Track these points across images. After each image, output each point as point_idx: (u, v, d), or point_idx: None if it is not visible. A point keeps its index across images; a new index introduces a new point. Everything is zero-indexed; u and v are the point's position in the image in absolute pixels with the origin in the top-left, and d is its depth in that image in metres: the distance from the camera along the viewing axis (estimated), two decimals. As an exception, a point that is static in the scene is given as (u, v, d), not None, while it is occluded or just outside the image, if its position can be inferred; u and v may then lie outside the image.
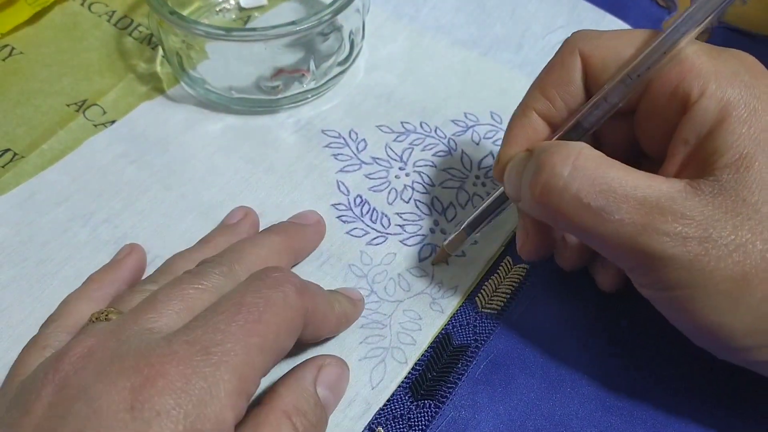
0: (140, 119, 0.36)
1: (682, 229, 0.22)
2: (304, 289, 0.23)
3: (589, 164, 0.23)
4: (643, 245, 0.22)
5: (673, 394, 0.27)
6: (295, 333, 0.23)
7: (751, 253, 0.21)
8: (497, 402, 0.27)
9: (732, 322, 0.22)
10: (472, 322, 0.29)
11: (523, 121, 0.27)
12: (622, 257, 0.24)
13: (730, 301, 0.22)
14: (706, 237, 0.22)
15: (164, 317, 0.22)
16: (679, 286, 0.22)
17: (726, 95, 0.22)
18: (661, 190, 0.22)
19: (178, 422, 0.19)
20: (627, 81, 0.24)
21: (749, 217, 0.22)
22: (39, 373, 0.21)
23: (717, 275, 0.22)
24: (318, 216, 0.31)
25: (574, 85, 0.26)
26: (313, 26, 0.33)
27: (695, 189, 0.22)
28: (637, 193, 0.22)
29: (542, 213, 0.24)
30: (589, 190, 0.22)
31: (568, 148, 0.23)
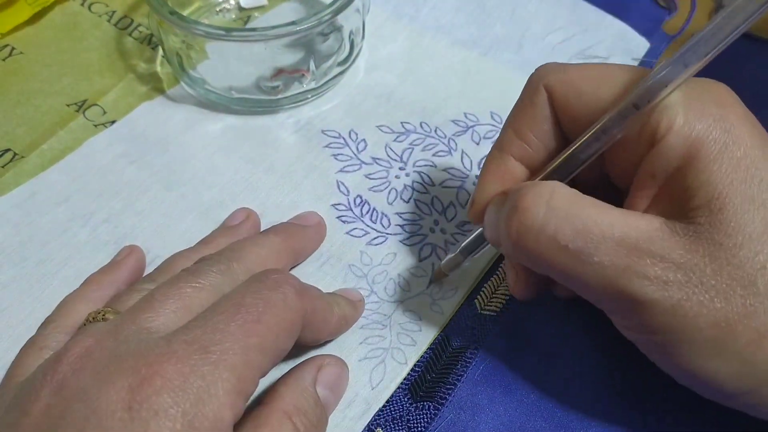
0: (140, 119, 0.36)
1: (663, 272, 0.21)
2: (303, 292, 0.23)
3: (563, 203, 0.22)
4: (624, 288, 0.21)
5: (674, 394, 0.27)
6: (293, 334, 0.23)
7: (732, 298, 0.21)
8: (497, 403, 0.27)
9: (717, 368, 0.21)
10: (471, 323, 0.29)
11: (499, 164, 0.26)
12: (603, 300, 0.23)
13: (715, 347, 0.21)
14: (686, 281, 0.21)
15: (162, 316, 0.22)
16: (662, 331, 0.22)
17: (694, 131, 0.21)
18: (639, 229, 0.21)
19: (176, 421, 0.19)
20: (625, 112, 0.23)
21: (728, 262, 0.21)
22: (37, 375, 0.21)
23: (700, 321, 0.21)
24: (319, 217, 0.31)
25: (546, 121, 0.25)
26: (313, 26, 0.33)
27: (672, 230, 0.21)
28: (615, 233, 0.21)
29: (521, 257, 0.24)
30: (566, 232, 0.22)
31: (541, 188, 0.23)
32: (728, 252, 0.21)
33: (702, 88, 0.23)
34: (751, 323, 0.21)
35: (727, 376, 0.22)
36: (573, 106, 0.24)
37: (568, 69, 0.25)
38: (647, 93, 0.22)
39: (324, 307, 0.25)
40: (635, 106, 0.22)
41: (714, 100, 0.22)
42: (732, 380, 0.22)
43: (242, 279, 0.24)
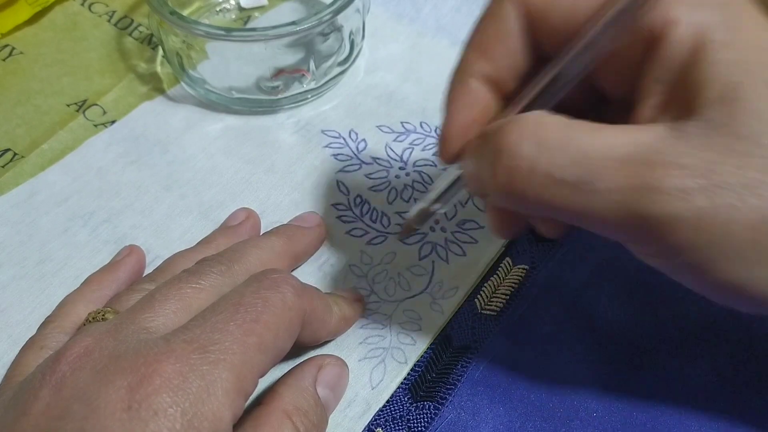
0: (140, 119, 0.36)
1: (679, 181, 0.18)
2: (302, 292, 0.23)
3: (552, 134, 0.20)
4: (639, 211, 0.19)
5: (675, 395, 0.27)
6: (293, 334, 0.23)
7: (763, 193, 0.18)
8: (497, 403, 0.27)
9: (760, 275, 0.19)
10: (471, 323, 0.29)
11: (464, 91, 0.23)
12: (617, 231, 0.20)
13: (755, 252, 0.19)
14: (709, 186, 0.18)
15: (161, 316, 0.22)
16: (692, 249, 0.19)
17: (698, 19, 0.19)
18: (643, 143, 0.19)
19: (175, 420, 0.19)
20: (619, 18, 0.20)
21: (752, 153, 0.18)
22: (37, 374, 0.21)
23: (733, 227, 0.18)
24: (319, 218, 0.31)
25: (514, 37, 0.22)
26: (313, 26, 0.33)
27: (681, 133, 0.19)
28: (616, 152, 0.19)
29: (515, 203, 0.21)
30: (561, 163, 0.19)
31: (524, 121, 0.20)
32: (751, 142, 0.18)
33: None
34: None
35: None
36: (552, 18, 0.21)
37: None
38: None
39: (323, 307, 0.25)
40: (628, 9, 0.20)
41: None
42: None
43: (242, 280, 0.24)
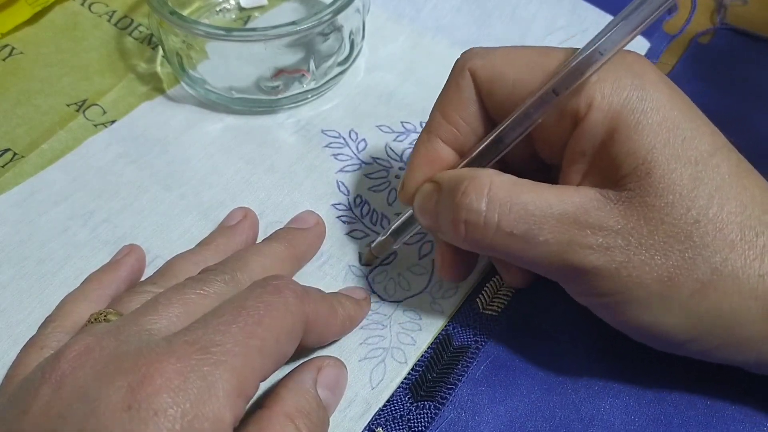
0: (140, 119, 0.36)
1: (603, 240, 0.22)
2: (304, 296, 0.23)
3: (502, 193, 0.23)
4: (570, 260, 0.23)
5: (675, 394, 0.27)
6: (295, 339, 0.23)
7: (670, 254, 0.22)
8: (497, 403, 0.27)
9: (665, 321, 0.23)
10: (472, 323, 0.29)
11: (428, 148, 0.27)
12: (553, 273, 0.24)
13: (661, 301, 0.22)
14: (626, 245, 0.22)
15: (164, 320, 0.22)
16: (610, 293, 0.23)
17: (613, 104, 0.22)
18: (575, 204, 0.23)
19: (175, 421, 0.18)
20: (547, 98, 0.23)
21: (662, 221, 0.22)
22: (37, 373, 0.21)
23: (645, 279, 0.22)
24: (317, 216, 0.31)
25: (471, 104, 0.26)
26: (313, 26, 0.33)
27: (606, 199, 0.22)
28: (554, 211, 0.23)
29: (469, 247, 0.25)
30: (509, 219, 0.23)
31: (479, 182, 0.24)
32: (661, 212, 0.22)
33: (618, 62, 0.23)
34: (692, 275, 0.22)
35: (674, 327, 0.23)
36: (496, 90, 0.25)
37: (491, 53, 0.25)
38: (565, 80, 0.23)
39: (327, 310, 0.25)
40: (554, 92, 0.23)
41: (629, 71, 0.23)
42: (679, 330, 0.23)
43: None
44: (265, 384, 0.26)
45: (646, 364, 0.28)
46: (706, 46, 0.40)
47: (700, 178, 0.22)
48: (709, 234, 0.22)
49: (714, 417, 0.26)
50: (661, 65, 0.39)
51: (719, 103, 0.37)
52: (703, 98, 0.37)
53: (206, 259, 0.28)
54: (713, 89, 0.38)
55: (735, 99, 0.38)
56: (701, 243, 0.22)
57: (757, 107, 0.37)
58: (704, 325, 0.23)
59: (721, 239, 0.22)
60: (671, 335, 0.23)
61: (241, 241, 0.30)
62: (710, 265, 0.22)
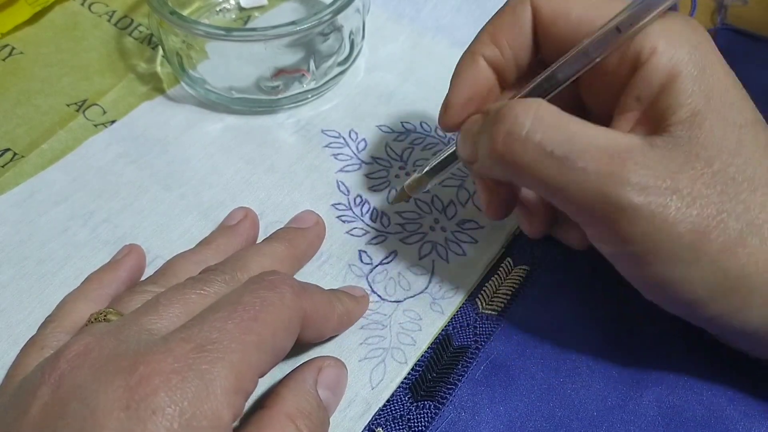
0: (140, 119, 0.36)
1: (643, 179, 0.22)
2: (301, 291, 0.23)
3: (549, 115, 0.23)
4: (608, 194, 0.22)
5: (675, 394, 0.27)
6: (292, 334, 0.23)
7: (706, 207, 0.22)
8: (497, 403, 0.27)
9: (692, 274, 0.23)
10: (472, 323, 0.29)
11: (472, 67, 0.26)
12: (584, 210, 0.23)
13: (692, 252, 0.22)
14: (665, 188, 0.22)
15: (165, 320, 0.22)
16: (640, 240, 0.22)
17: (676, 54, 0.23)
18: (620, 142, 0.23)
19: (173, 420, 0.18)
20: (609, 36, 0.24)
21: (703, 171, 0.22)
22: (36, 373, 0.21)
23: (680, 226, 0.22)
24: (316, 216, 0.31)
25: (523, 34, 0.26)
26: (313, 26, 0.33)
27: (652, 143, 0.23)
28: (597, 142, 0.23)
29: (502, 168, 0.24)
30: (552, 139, 0.23)
31: (528, 102, 0.24)
32: (704, 163, 0.22)
33: (679, 20, 0.24)
34: (725, 229, 0.22)
35: (700, 283, 0.23)
36: (559, 26, 0.25)
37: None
38: (630, 18, 0.23)
39: (324, 305, 0.25)
40: (618, 29, 0.23)
41: (692, 30, 0.24)
42: (704, 287, 0.23)
43: None
44: (266, 384, 0.26)
45: (646, 364, 0.28)
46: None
47: (742, 141, 0.23)
48: (743, 192, 0.22)
49: (712, 418, 0.26)
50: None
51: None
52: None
53: (207, 258, 0.28)
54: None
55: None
56: (736, 199, 0.22)
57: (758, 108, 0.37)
58: (728, 283, 0.23)
59: (753, 199, 0.23)
60: (694, 292, 0.23)
61: (242, 241, 0.30)
62: (742, 222, 0.22)
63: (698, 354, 0.28)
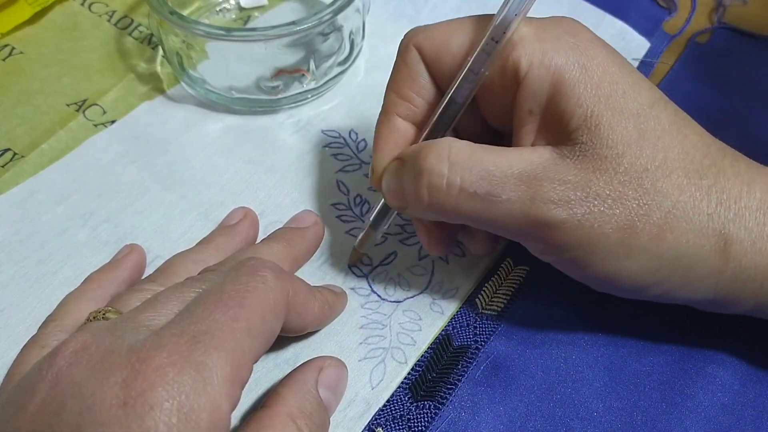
0: (140, 119, 0.36)
1: (563, 194, 0.23)
2: (281, 273, 0.23)
3: (462, 155, 0.24)
4: (534, 216, 0.23)
5: (674, 394, 0.27)
6: (279, 314, 0.23)
7: (626, 202, 0.23)
8: (497, 403, 0.27)
9: (629, 267, 0.24)
10: (472, 323, 0.29)
11: (389, 127, 0.27)
12: (518, 233, 0.25)
13: (623, 249, 0.23)
14: (585, 197, 0.23)
15: (162, 316, 0.22)
16: (576, 247, 0.24)
17: (554, 60, 0.23)
18: (533, 162, 0.24)
19: (171, 414, 0.18)
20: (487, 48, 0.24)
21: (615, 171, 0.23)
22: (34, 370, 0.21)
23: (606, 228, 0.23)
24: (315, 216, 0.31)
25: (422, 78, 0.27)
26: (313, 26, 0.33)
27: (560, 155, 0.23)
28: (514, 170, 0.23)
29: (434, 214, 0.25)
30: (471, 180, 0.24)
31: (438, 146, 0.24)
32: (612, 162, 0.23)
33: (552, 23, 0.25)
34: (648, 220, 0.23)
35: (638, 272, 0.24)
36: (443, 59, 0.26)
37: (433, 26, 0.27)
38: (501, 26, 0.24)
39: (305, 290, 0.25)
40: (494, 40, 0.24)
41: (566, 31, 0.24)
42: (642, 275, 0.24)
43: None
44: (267, 384, 0.26)
45: (646, 364, 0.28)
46: (705, 46, 0.40)
47: (644, 129, 0.23)
48: (659, 180, 0.23)
49: (716, 413, 0.26)
50: (661, 65, 0.39)
51: (718, 103, 0.37)
52: (701, 98, 0.37)
53: (206, 258, 0.28)
54: (712, 89, 0.38)
55: (734, 99, 0.38)
56: (653, 189, 0.23)
57: (755, 107, 0.37)
58: (665, 267, 0.24)
59: (669, 184, 0.23)
60: (635, 281, 0.24)
61: (241, 241, 0.30)
62: (663, 209, 0.23)
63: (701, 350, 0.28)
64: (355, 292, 0.30)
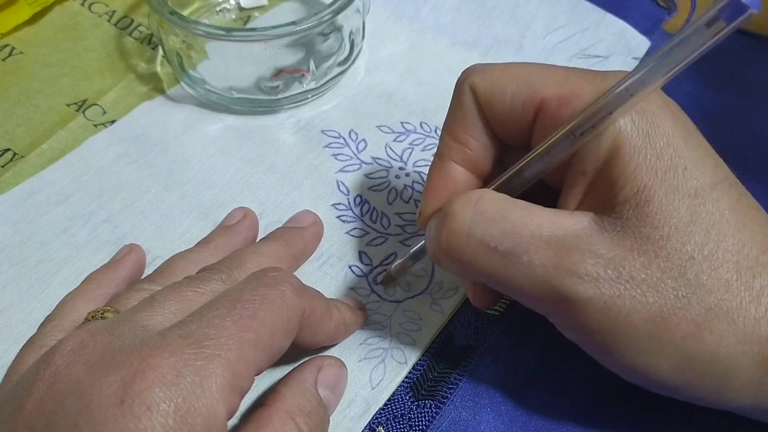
0: (140, 119, 0.36)
1: (593, 269, 0.21)
2: (302, 291, 0.23)
3: (490, 207, 0.22)
4: (556, 287, 0.21)
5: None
6: (290, 332, 0.23)
7: (664, 291, 0.21)
8: (498, 403, 0.27)
9: (658, 363, 0.21)
10: (473, 322, 0.29)
11: (441, 172, 0.26)
12: (537, 302, 0.23)
13: (653, 343, 0.21)
14: (617, 277, 0.21)
15: (160, 316, 0.22)
16: (600, 331, 0.21)
17: (618, 125, 0.21)
18: (566, 228, 0.22)
19: (167, 416, 0.18)
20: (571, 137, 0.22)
21: (656, 254, 0.21)
22: (32, 369, 0.21)
23: (635, 317, 0.21)
24: (314, 216, 0.31)
25: (477, 121, 0.25)
26: (313, 26, 0.33)
27: (600, 226, 0.21)
28: (543, 232, 0.21)
29: (451, 263, 0.23)
30: (494, 234, 0.22)
31: (470, 194, 0.23)
32: (656, 244, 0.21)
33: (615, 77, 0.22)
34: (686, 315, 0.21)
35: (667, 371, 0.21)
36: (496, 105, 0.24)
37: (490, 67, 0.25)
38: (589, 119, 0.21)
39: (323, 309, 0.25)
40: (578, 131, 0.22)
41: None
42: (672, 374, 0.22)
43: None
44: (266, 382, 0.26)
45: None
46: (706, 46, 0.40)
47: (698, 213, 0.21)
48: (704, 272, 0.21)
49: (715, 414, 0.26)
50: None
51: (719, 103, 0.37)
52: (702, 98, 0.37)
53: (205, 258, 0.28)
54: (713, 89, 0.38)
55: (734, 98, 0.38)
56: (696, 281, 0.21)
57: (756, 107, 0.37)
58: (698, 370, 0.21)
59: (716, 278, 0.21)
60: (664, 379, 0.22)
61: (241, 241, 0.30)
62: (705, 306, 0.21)
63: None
64: (355, 292, 0.30)
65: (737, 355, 0.21)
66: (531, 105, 0.23)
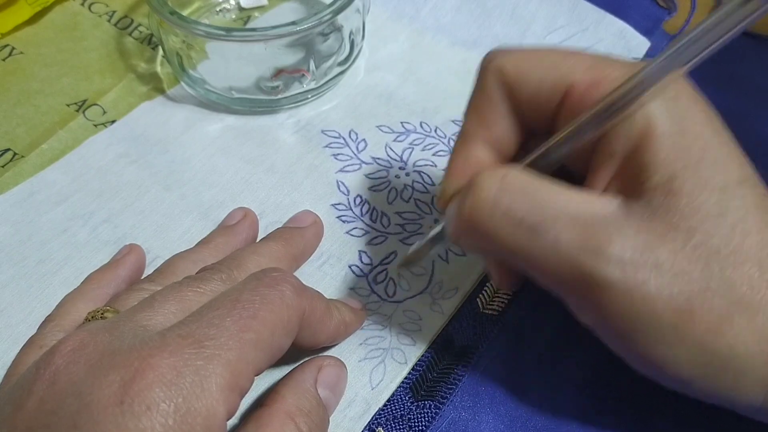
0: (140, 119, 0.36)
1: (620, 252, 0.20)
2: (302, 291, 0.23)
3: (517, 181, 0.22)
4: (582, 267, 0.21)
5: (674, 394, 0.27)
6: (290, 333, 0.23)
7: (689, 282, 0.20)
8: (498, 403, 0.27)
9: (677, 355, 0.21)
10: (472, 323, 0.29)
11: (465, 153, 0.25)
12: (559, 282, 0.22)
13: (675, 333, 0.21)
14: (644, 262, 0.20)
15: (160, 315, 0.22)
16: (621, 317, 0.21)
17: (651, 108, 0.21)
18: (595, 209, 0.21)
19: (167, 416, 0.18)
20: (603, 116, 0.22)
21: (683, 245, 0.21)
22: (32, 369, 0.21)
23: (659, 306, 0.20)
24: (314, 216, 0.31)
25: (502, 103, 0.25)
26: (313, 26, 0.33)
27: (628, 210, 0.21)
28: (570, 211, 0.21)
29: (472, 238, 0.23)
30: (521, 206, 0.21)
31: (497, 169, 0.23)
32: (684, 234, 0.21)
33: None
34: (711, 308, 0.20)
35: (685, 364, 0.21)
36: (522, 88, 0.24)
37: (516, 51, 0.25)
38: (621, 97, 0.21)
39: (323, 309, 0.25)
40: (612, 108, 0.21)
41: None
42: (690, 368, 0.21)
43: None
44: (266, 383, 0.26)
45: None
46: (706, 46, 0.40)
47: (726, 207, 0.21)
48: (728, 267, 0.20)
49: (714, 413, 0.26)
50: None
51: (719, 103, 0.37)
52: (702, 98, 0.37)
53: (205, 258, 0.28)
54: (713, 88, 0.38)
55: (735, 98, 0.38)
56: (720, 275, 0.20)
57: (756, 107, 0.37)
58: (715, 365, 0.21)
59: (740, 274, 0.20)
60: (679, 372, 0.21)
61: (241, 241, 0.30)
62: (728, 301, 0.20)
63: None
64: (355, 292, 0.30)
65: (752, 354, 0.21)
66: (559, 88, 0.23)
